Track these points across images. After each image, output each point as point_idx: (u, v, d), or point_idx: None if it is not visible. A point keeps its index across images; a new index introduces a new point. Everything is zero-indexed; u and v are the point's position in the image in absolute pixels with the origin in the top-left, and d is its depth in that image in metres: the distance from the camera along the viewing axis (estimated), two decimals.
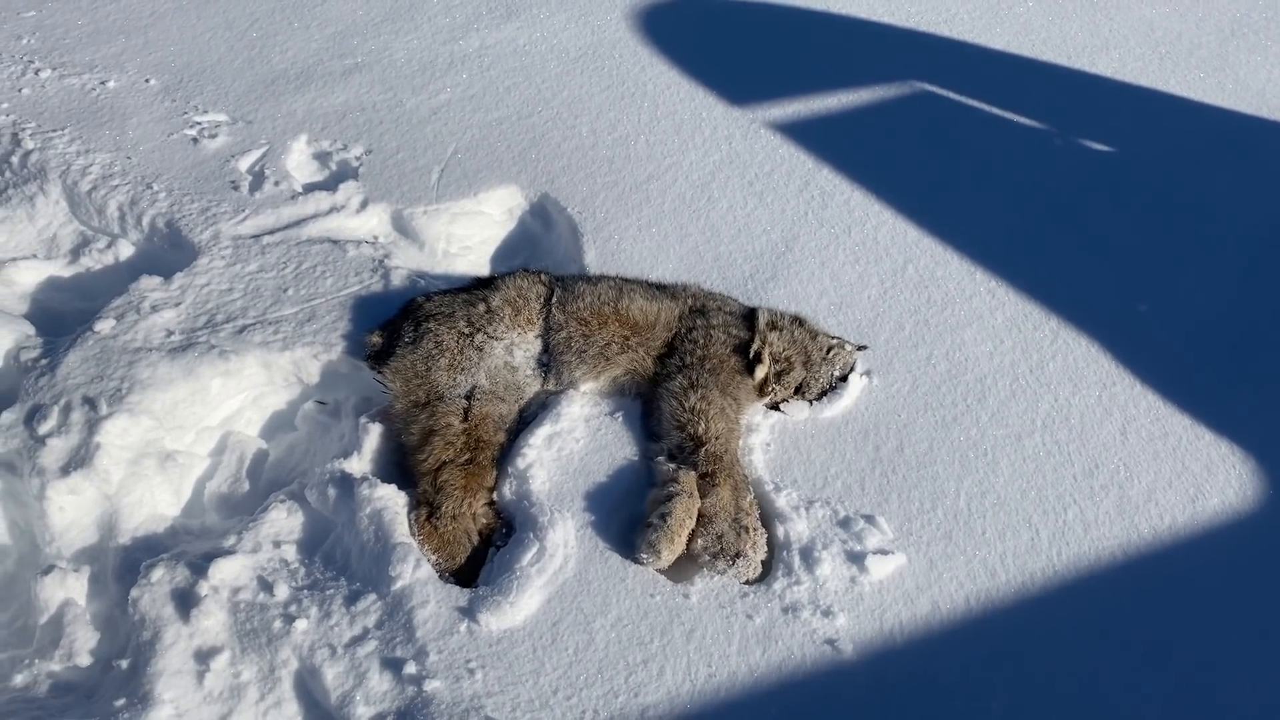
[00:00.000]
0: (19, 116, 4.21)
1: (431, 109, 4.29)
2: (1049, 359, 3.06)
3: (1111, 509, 2.63)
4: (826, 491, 2.65)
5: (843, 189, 3.80)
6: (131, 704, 2.20)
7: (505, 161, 3.97)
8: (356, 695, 2.20)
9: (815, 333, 2.98)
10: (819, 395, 2.91)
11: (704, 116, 4.25)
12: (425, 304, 3.02)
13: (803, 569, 2.44)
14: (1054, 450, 2.77)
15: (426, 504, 2.60)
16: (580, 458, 2.72)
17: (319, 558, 2.55)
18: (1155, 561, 2.52)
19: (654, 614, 2.36)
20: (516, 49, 4.75)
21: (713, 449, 2.63)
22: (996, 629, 2.36)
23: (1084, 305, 3.25)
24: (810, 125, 4.19)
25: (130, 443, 2.79)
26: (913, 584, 2.43)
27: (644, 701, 2.19)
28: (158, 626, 2.35)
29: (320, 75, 4.54)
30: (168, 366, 2.95)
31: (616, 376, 2.91)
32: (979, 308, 3.25)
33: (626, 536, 2.52)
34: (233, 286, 3.29)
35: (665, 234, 3.58)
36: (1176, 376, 3.00)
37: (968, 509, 2.61)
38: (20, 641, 2.55)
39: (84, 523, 2.69)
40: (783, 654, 2.28)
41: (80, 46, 4.76)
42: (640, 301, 2.96)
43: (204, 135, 4.10)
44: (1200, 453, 2.78)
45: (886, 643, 2.32)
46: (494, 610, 2.33)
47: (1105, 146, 4.07)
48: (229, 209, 3.67)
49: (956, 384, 2.97)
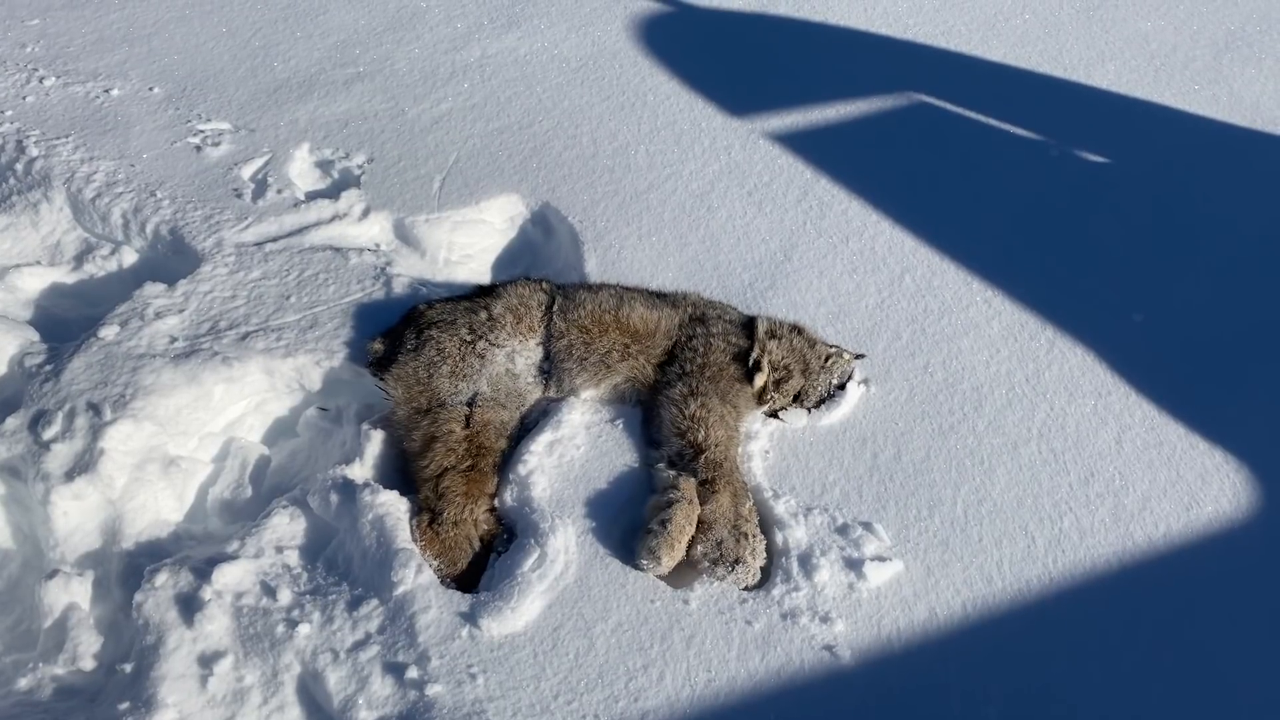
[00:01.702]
0: (23, 124, 4.23)
1: (433, 118, 4.32)
2: (1045, 368, 3.08)
3: (1107, 517, 2.65)
4: (825, 498, 2.67)
5: (841, 199, 3.83)
6: (135, 708, 2.22)
7: (506, 170, 3.99)
8: (359, 699, 2.21)
9: (814, 341, 3.01)
10: (817, 403, 2.93)
11: (703, 126, 4.28)
12: (427, 311, 3.04)
13: (801, 575, 2.46)
14: (1050, 458, 2.80)
15: (428, 510, 2.62)
16: (581, 464, 2.74)
17: (321, 563, 2.57)
18: (1150, 569, 2.54)
19: (654, 620, 2.38)
20: (518, 59, 4.78)
21: (712, 456, 2.65)
22: (993, 635, 2.37)
23: (1080, 315, 3.27)
24: (809, 135, 4.22)
25: (134, 448, 2.80)
26: (910, 590, 2.45)
27: (644, 706, 2.21)
28: (161, 631, 2.37)
29: (322, 84, 4.57)
30: (171, 373, 2.98)
31: (617, 384, 2.93)
32: (975, 317, 3.28)
33: (627, 543, 2.54)
34: (236, 293, 3.31)
35: (665, 243, 3.61)
36: (1171, 386, 3.02)
37: (964, 516, 2.63)
38: (24, 645, 2.56)
39: (88, 527, 2.71)
40: (781, 660, 2.30)
41: (84, 54, 4.79)
42: (641, 310, 2.99)
43: (207, 143, 4.13)
44: (1195, 461, 2.80)
45: (884, 649, 2.34)
46: (495, 615, 2.35)
47: (1101, 158, 4.10)
48: (232, 217, 3.69)
49: (953, 392, 2.99)
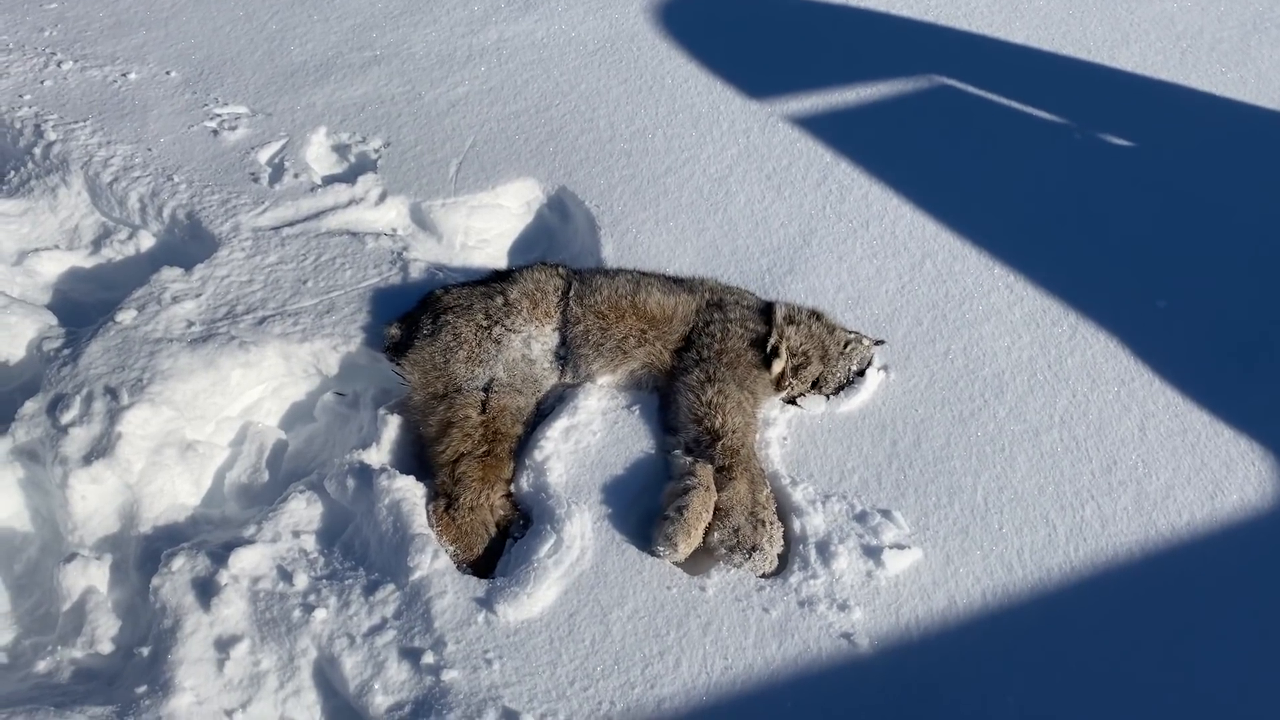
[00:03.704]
0: (41, 108, 4.24)
1: (450, 102, 4.31)
2: (1067, 354, 3.05)
3: (1129, 505, 2.62)
4: (843, 486, 2.65)
5: (861, 183, 3.79)
6: (152, 691, 2.23)
7: (523, 154, 3.97)
8: (375, 684, 2.22)
9: (833, 327, 2.98)
10: (836, 390, 2.90)
11: (722, 110, 4.24)
12: (443, 297, 3.03)
13: (819, 563, 2.45)
14: (1071, 446, 2.76)
15: (444, 495, 2.62)
16: (597, 450, 2.73)
17: (338, 548, 2.57)
18: (1173, 558, 2.51)
19: (670, 606, 2.37)
20: (534, 42, 4.75)
21: (729, 443, 2.63)
22: (1012, 624, 2.35)
23: (1103, 301, 3.23)
24: (828, 118, 4.18)
25: (151, 432, 2.81)
26: (929, 579, 2.43)
27: (660, 693, 2.20)
28: (178, 615, 2.38)
29: (339, 68, 4.55)
30: (188, 357, 2.98)
31: (633, 370, 2.91)
32: (997, 303, 3.24)
33: (643, 529, 2.53)
34: (253, 278, 3.31)
35: (683, 227, 3.58)
36: (1195, 372, 2.98)
37: (984, 504, 2.61)
38: (43, 628, 2.58)
39: (106, 511, 2.72)
40: (799, 647, 2.29)
41: (101, 39, 4.79)
42: (657, 295, 2.97)
43: (224, 127, 4.12)
44: (1219, 449, 2.76)
45: (902, 637, 2.32)
46: (511, 601, 2.34)
47: (1125, 141, 4.05)
48: (249, 201, 3.69)
49: (974, 379, 2.96)
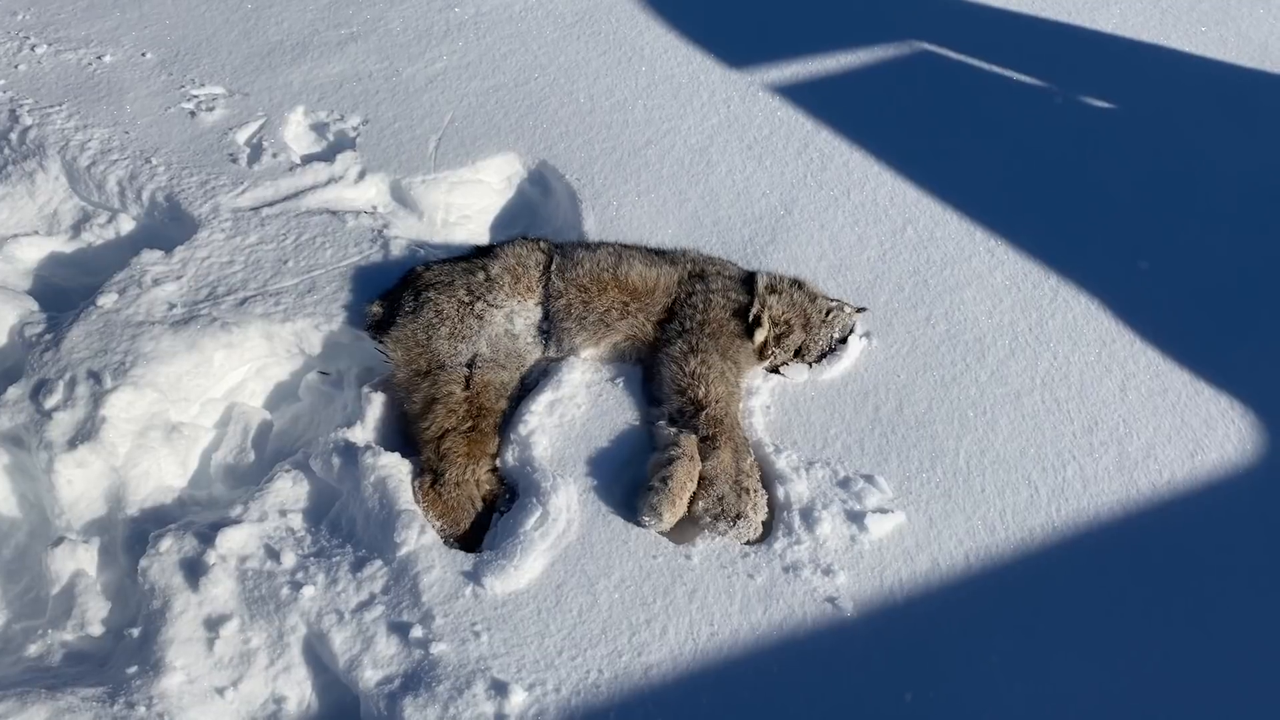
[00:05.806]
0: (16, 93, 4.20)
1: (428, 77, 4.28)
2: (1048, 317, 3.06)
3: (1110, 465, 2.64)
4: (826, 452, 2.67)
5: (842, 151, 3.78)
6: (143, 671, 2.24)
7: (503, 129, 3.95)
8: (364, 659, 2.23)
9: (814, 295, 2.99)
10: (819, 357, 2.91)
11: (702, 80, 4.23)
12: (425, 273, 3.02)
13: (803, 529, 2.47)
14: (1053, 408, 2.78)
15: (430, 471, 2.62)
16: (582, 423, 2.74)
17: (325, 526, 2.58)
18: (1154, 516, 2.54)
19: (656, 575, 2.38)
20: (512, 15, 4.71)
21: (713, 412, 2.64)
22: (995, 585, 2.38)
23: (1083, 263, 3.24)
24: (809, 87, 4.16)
25: (135, 415, 2.81)
26: (912, 542, 2.46)
27: (647, 660, 2.22)
28: (167, 595, 2.38)
29: (316, 46, 4.51)
30: (171, 339, 2.97)
31: (617, 342, 2.92)
32: (978, 267, 3.25)
33: (628, 500, 2.54)
34: (233, 259, 3.30)
35: (664, 199, 3.57)
36: (1176, 333, 3.00)
37: (967, 467, 2.62)
38: (33, 612, 2.59)
39: (92, 495, 2.72)
40: (784, 612, 2.31)
41: (76, 21, 4.73)
42: (639, 267, 2.97)
43: (201, 108, 4.09)
44: (1199, 408, 2.79)
45: (886, 600, 2.34)
46: (498, 574, 2.36)
47: (1106, 103, 4.04)
48: (228, 182, 3.66)
49: (956, 344, 2.97)
